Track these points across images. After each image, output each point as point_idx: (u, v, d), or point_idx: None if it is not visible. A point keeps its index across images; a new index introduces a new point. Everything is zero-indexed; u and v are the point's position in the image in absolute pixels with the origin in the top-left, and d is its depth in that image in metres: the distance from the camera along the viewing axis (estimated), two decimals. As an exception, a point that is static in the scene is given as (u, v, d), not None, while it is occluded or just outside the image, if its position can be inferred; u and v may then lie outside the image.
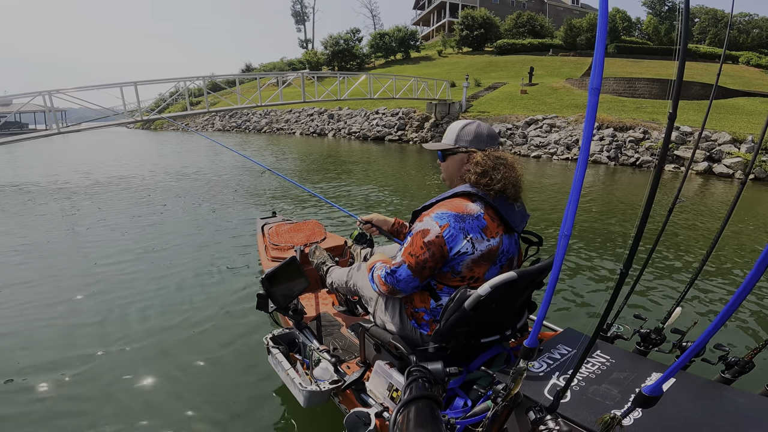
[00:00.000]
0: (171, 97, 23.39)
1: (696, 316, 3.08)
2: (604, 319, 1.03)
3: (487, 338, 1.47)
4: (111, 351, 2.62)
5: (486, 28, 34.11)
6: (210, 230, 5.19)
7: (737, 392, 1.26)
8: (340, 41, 36.43)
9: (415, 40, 37.71)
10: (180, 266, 3.96)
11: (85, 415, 2.09)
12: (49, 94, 9.52)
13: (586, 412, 1.16)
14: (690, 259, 4.37)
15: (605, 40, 0.80)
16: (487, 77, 24.90)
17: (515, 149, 14.60)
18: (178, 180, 9.03)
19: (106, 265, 4.02)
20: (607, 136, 12.97)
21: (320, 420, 2.04)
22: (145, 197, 7.21)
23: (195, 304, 3.23)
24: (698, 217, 6.31)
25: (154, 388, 2.29)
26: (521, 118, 15.72)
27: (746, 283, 0.73)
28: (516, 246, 1.53)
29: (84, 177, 9.40)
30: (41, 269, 3.91)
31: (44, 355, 2.57)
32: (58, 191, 7.84)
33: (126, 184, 8.50)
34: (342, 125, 21.50)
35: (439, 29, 44.86)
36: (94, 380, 2.34)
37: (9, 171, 10.91)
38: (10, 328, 2.88)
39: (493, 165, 1.43)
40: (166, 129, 32.33)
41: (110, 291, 3.45)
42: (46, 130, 9.94)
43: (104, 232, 5.12)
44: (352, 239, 2.15)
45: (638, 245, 0.93)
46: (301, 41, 50.34)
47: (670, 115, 0.85)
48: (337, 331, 2.08)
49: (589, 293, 3.53)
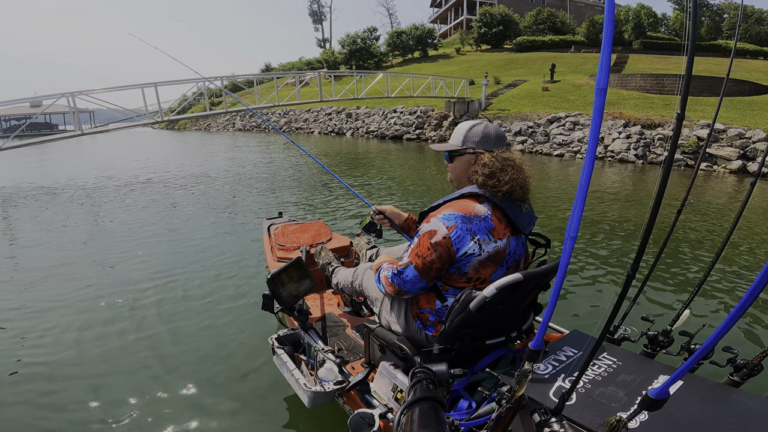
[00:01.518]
0: (193, 96, 23.91)
1: (704, 318, 3.01)
2: (610, 320, 1.01)
3: (493, 340, 1.47)
4: (111, 351, 2.66)
5: (505, 26, 33.66)
6: (216, 230, 5.26)
7: (746, 395, 1.23)
8: (357, 40, 36.53)
9: (433, 38, 37.50)
10: (184, 266, 4.02)
11: (76, 410, 2.14)
12: (72, 95, 9.73)
13: (592, 415, 1.15)
14: (699, 261, 4.29)
15: (611, 40, 0.79)
16: (506, 75, 24.59)
17: (537, 147, 14.31)
18: (194, 181, 9.20)
19: (116, 261, 4.18)
20: (635, 133, 12.56)
21: (324, 421, 2.05)
22: (157, 197, 7.38)
23: (200, 303, 3.27)
24: (714, 217, 6.10)
25: (156, 388, 2.30)
26: (543, 115, 15.43)
27: (756, 284, 0.72)
28: (523, 248, 1.52)
29: (106, 179, 9.67)
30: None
31: (47, 345, 2.68)
32: (80, 194, 8.11)
33: (147, 183, 8.73)
34: (360, 124, 21.55)
35: (456, 27, 44.52)
36: (94, 380, 2.38)
37: (40, 171, 11.35)
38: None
39: (501, 166, 1.42)
40: (189, 129, 33.07)
41: (111, 291, 3.51)
42: (72, 131, 10.25)
43: (120, 231, 5.29)
44: (361, 227, 2.12)
45: (646, 246, 0.91)
46: (319, 41, 50.70)
47: (678, 116, 0.83)
48: (342, 332, 2.09)
49: (596, 295, 3.49)
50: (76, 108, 10.00)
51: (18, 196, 7.83)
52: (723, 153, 10.75)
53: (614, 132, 12.93)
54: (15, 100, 11.37)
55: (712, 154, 11.03)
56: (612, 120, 13.43)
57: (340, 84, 17.51)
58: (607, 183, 8.74)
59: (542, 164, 11.90)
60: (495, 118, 16.70)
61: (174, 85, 11.33)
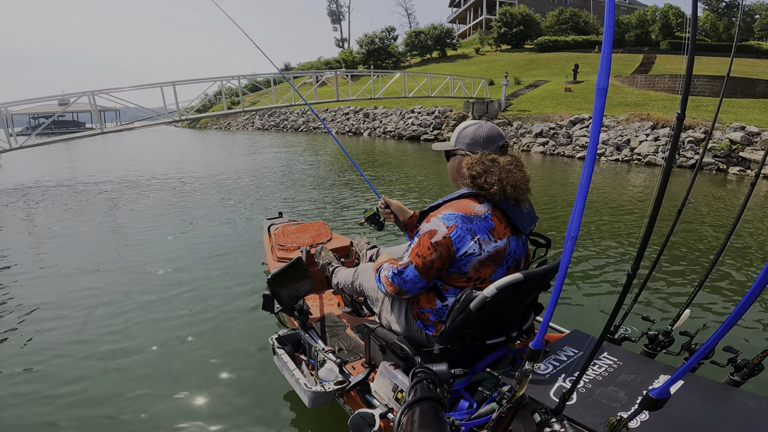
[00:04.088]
0: (215, 95, 24.40)
1: (705, 318, 2.99)
2: (611, 320, 1.01)
3: (493, 340, 1.46)
4: (112, 351, 2.69)
5: (526, 25, 33.26)
6: (217, 230, 5.31)
7: (746, 395, 1.23)
8: (376, 40, 36.63)
9: (452, 38, 37.34)
10: (184, 266, 4.06)
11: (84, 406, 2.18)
12: (92, 93, 9.93)
13: (593, 415, 1.15)
14: (700, 261, 4.25)
15: (612, 40, 0.80)
16: (527, 75, 24.28)
17: (559, 150, 13.91)
18: (201, 181, 9.34)
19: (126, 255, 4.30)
20: (663, 136, 12.08)
21: (325, 421, 2.05)
22: (166, 197, 7.51)
23: (200, 303, 3.29)
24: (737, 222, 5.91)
25: (156, 387, 2.32)
26: (565, 117, 15.10)
27: (756, 284, 0.72)
28: (523, 248, 1.51)
29: (123, 179, 9.83)
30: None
31: (45, 344, 2.74)
32: (103, 188, 8.29)
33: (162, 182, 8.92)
34: (377, 124, 21.57)
35: (476, 27, 44.20)
36: (93, 379, 2.41)
37: (64, 167, 11.73)
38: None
39: (484, 169, 1.40)
40: (210, 128, 33.72)
41: (111, 291, 3.57)
42: (93, 129, 10.48)
43: (122, 230, 5.43)
44: (364, 216, 2.11)
45: (646, 247, 0.90)
46: (337, 40, 51.03)
47: (678, 115, 0.82)
48: (342, 332, 2.09)
49: (597, 295, 3.47)
50: (96, 106, 10.14)
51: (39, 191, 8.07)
52: (757, 157, 10.23)
53: (641, 134, 12.45)
54: (43, 98, 11.73)
55: (745, 158, 10.52)
56: (639, 122, 12.97)
57: (357, 84, 17.58)
58: (627, 186, 8.50)
59: (564, 167, 11.56)
60: (515, 119, 16.48)
61: (192, 84, 11.51)
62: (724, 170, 10.56)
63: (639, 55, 26.64)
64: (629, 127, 13.07)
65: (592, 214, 6.04)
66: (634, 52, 27.58)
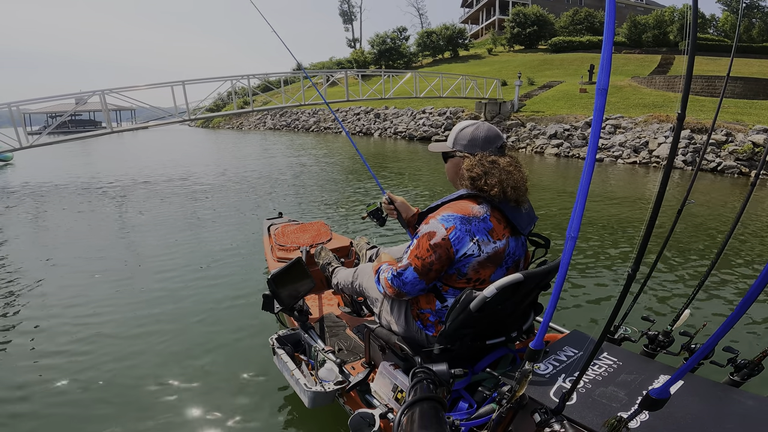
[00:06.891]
0: (227, 95, 24.70)
1: (705, 318, 2.96)
2: (611, 320, 1.01)
3: (493, 340, 1.46)
4: (112, 350, 2.71)
5: (539, 26, 32.92)
6: (217, 230, 5.34)
7: (746, 395, 1.23)
8: (387, 40, 36.62)
9: (464, 39, 37.15)
10: (184, 266, 4.09)
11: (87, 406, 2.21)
12: (103, 92, 9.98)
13: (593, 415, 1.15)
14: (700, 261, 4.22)
15: (612, 40, 0.80)
16: (541, 76, 24.02)
17: (573, 151, 13.63)
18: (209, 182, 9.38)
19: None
20: (684, 138, 11.65)
21: (325, 421, 2.06)
22: (171, 197, 7.57)
23: (200, 303, 3.30)
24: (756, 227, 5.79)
25: (156, 387, 2.34)
26: (580, 118, 14.80)
27: (756, 285, 0.73)
28: (522, 248, 1.51)
29: (130, 179, 9.93)
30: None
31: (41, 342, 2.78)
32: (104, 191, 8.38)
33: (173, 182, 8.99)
34: (388, 125, 21.56)
35: (488, 27, 43.92)
36: (92, 379, 2.43)
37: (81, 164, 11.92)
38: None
39: (485, 170, 1.40)
40: (222, 127, 34.08)
41: (110, 289, 3.61)
42: (105, 128, 10.60)
43: (121, 232, 5.49)
44: (367, 210, 2.10)
45: (646, 247, 0.90)
46: (349, 40, 51.05)
47: (678, 116, 0.82)
48: (342, 332, 2.08)
49: (597, 295, 3.46)
50: (106, 105, 10.18)
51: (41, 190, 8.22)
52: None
53: (660, 136, 12.12)
54: (58, 96, 11.88)
55: (769, 161, 10.21)
56: (658, 123, 12.65)
57: (368, 84, 17.60)
58: (643, 188, 8.36)
59: (578, 170, 11.23)
60: (528, 119, 16.29)
61: (202, 83, 11.58)
62: (746, 174, 10.18)
63: (657, 55, 26.19)
64: (647, 129, 12.73)
65: (596, 214, 5.97)
66: (652, 53, 27.13)
